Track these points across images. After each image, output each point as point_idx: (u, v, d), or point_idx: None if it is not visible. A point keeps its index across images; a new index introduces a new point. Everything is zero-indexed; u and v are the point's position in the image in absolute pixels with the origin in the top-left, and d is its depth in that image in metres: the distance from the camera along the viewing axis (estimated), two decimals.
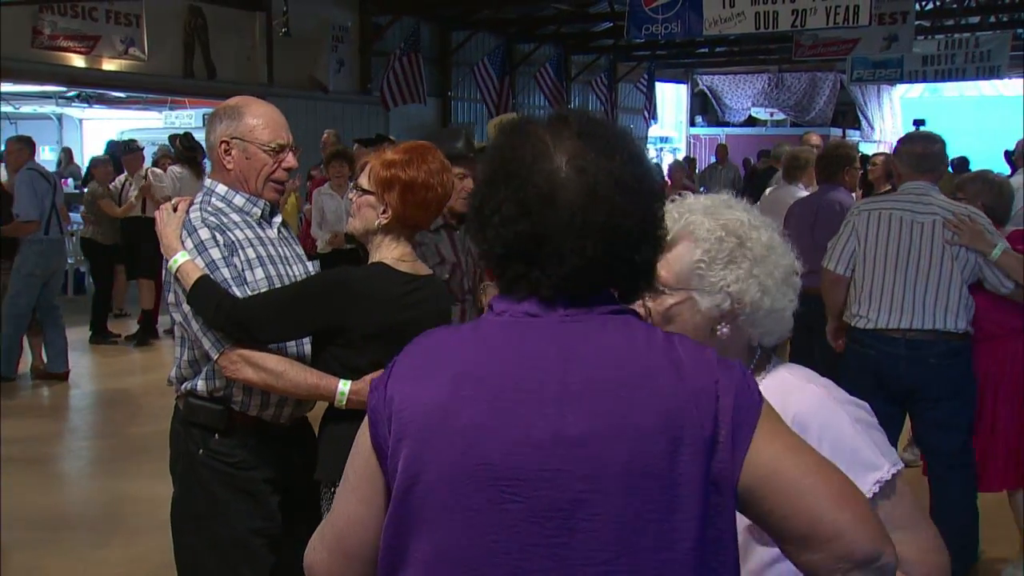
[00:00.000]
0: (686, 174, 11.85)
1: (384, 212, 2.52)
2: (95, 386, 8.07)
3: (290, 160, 2.68)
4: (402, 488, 1.29)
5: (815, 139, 8.34)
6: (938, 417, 4.03)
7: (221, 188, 2.66)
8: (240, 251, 2.58)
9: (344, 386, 2.50)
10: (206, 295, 2.45)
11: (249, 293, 2.54)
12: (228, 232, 2.58)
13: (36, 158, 8.32)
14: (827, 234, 5.73)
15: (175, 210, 2.62)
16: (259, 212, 2.69)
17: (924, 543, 1.62)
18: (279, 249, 2.73)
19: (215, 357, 2.51)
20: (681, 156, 20.42)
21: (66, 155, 15.02)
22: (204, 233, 2.55)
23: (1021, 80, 18.46)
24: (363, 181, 2.58)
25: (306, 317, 2.50)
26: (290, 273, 2.70)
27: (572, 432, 1.24)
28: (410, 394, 1.31)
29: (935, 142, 4.21)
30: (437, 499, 1.27)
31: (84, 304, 9.92)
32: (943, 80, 15.55)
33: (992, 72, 14.06)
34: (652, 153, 21.09)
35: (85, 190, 10.23)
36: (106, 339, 9.32)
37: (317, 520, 2.74)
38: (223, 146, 2.63)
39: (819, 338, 5.90)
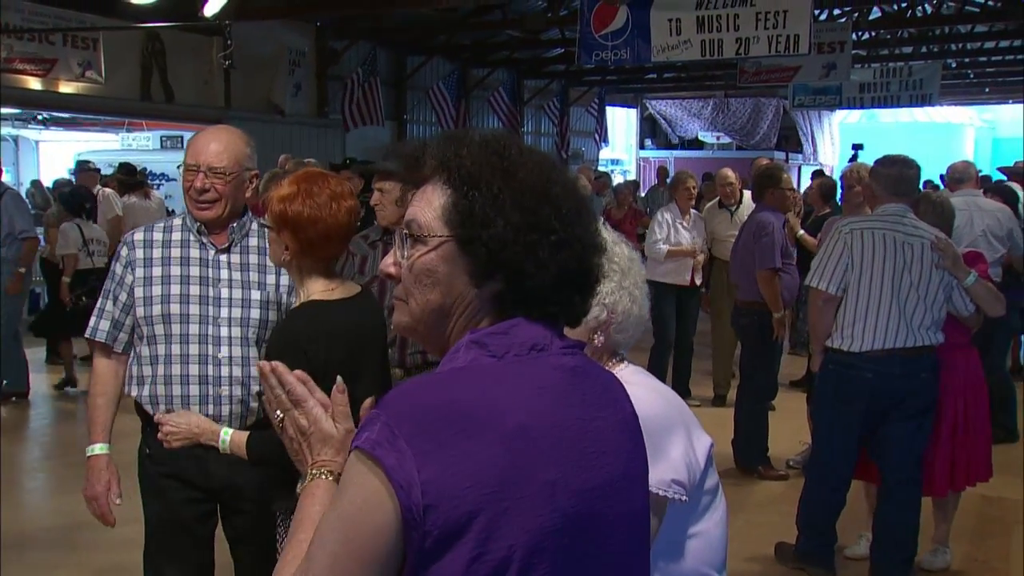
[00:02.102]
0: (632, 195, 11.99)
1: (286, 249, 2.44)
2: (51, 405, 7.92)
3: (197, 180, 2.67)
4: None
5: (763, 162, 8.54)
6: (911, 428, 4.07)
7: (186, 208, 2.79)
8: (139, 269, 2.72)
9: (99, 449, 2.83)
10: (262, 450, 2.45)
11: (129, 305, 2.73)
12: (140, 249, 2.74)
13: None
14: (742, 252, 5.89)
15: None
16: (195, 230, 2.75)
17: None
18: (218, 272, 2.74)
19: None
20: (631, 178, 20.61)
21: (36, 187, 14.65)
22: (120, 246, 2.80)
23: (952, 107, 18.93)
24: (267, 216, 2.49)
25: None
26: (210, 295, 2.71)
27: (613, 475, 1.26)
28: (457, 469, 1.11)
29: (911, 166, 4.19)
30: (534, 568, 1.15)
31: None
32: (879, 107, 15.88)
33: (924, 100, 14.40)
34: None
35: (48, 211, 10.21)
36: (61, 359, 9.17)
37: (255, 541, 2.78)
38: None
39: (745, 351, 6.07)
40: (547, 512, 1.15)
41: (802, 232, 7.62)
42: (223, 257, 2.75)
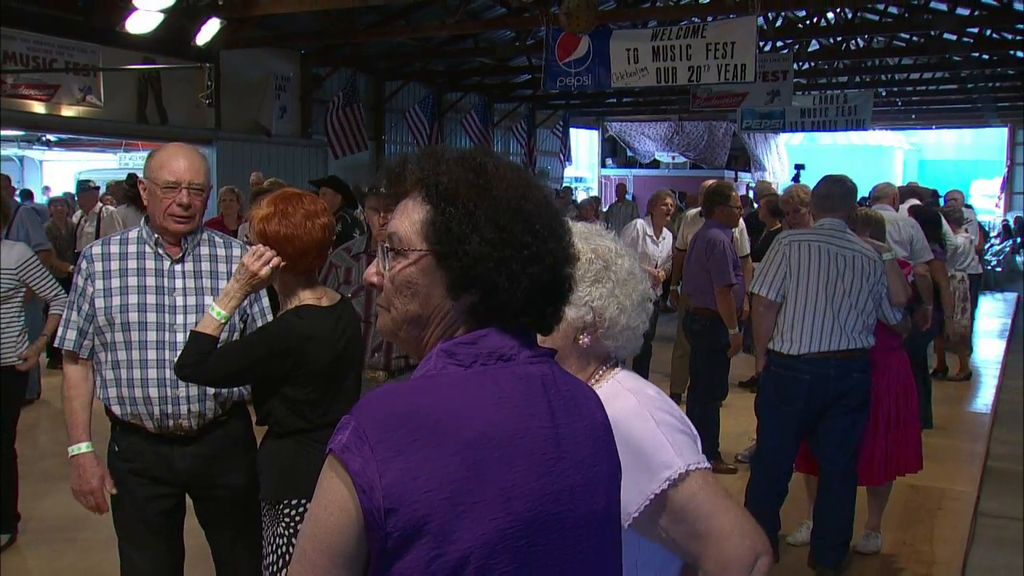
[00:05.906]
0: (594, 211, 12.06)
1: None
2: (50, 408, 7.82)
3: (182, 196, 2.67)
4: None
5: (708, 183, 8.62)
6: (846, 424, 4.11)
7: (143, 221, 2.78)
8: (98, 281, 2.71)
9: (84, 448, 2.77)
10: (193, 347, 2.48)
11: (91, 315, 2.70)
12: (98, 262, 2.72)
13: None
14: (694, 264, 5.93)
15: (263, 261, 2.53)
16: (154, 242, 2.73)
17: (726, 528, 1.59)
18: (173, 282, 2.73)
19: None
20: (593, 194, 20.70)
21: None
22: (80, 260, 2.76)
23: (883, 131, 19.19)
24: (250, 235, 2.54)
25: (261, 371, 2.50)
26: (166, 303, 2.70)
27: (573, 481, 1.22)
28: (416, 475, 1.10)
29: (836, 184, 4.24)
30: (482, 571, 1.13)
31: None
32: (818, 130, 16.09)
33: (858, 124, 14.57)
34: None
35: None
36: (61, 364, 9.07)
37: (229, 526, 2.80)
38: (141, 185, 2.75)
39: (696, 354, 6.10)
40: (502, 516, 1.13)
41: None
42: (177, 267, 2.74)
